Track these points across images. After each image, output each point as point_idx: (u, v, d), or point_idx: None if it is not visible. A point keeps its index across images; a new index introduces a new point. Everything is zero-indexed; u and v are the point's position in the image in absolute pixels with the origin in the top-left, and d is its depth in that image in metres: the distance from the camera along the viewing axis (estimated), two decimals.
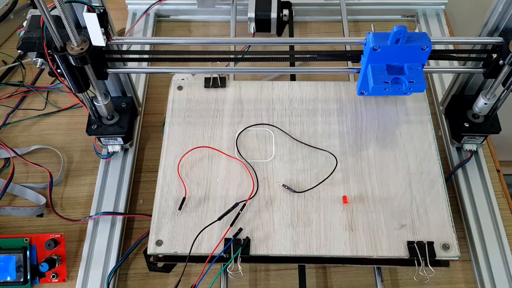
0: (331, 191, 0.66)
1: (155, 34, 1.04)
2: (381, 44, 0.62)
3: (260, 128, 0.72)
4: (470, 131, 0.78)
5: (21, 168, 0.85)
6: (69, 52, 0.62)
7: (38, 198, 0.81)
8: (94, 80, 0.69)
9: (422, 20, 1.05)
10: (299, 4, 1.05)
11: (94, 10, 0.60)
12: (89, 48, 0.62)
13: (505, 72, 0.67)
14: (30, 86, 0.95)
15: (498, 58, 0.66)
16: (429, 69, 0.72)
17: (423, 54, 0.63)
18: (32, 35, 0.65)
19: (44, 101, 0.93)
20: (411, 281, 0.73)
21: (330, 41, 0.71)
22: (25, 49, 0.65)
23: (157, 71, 0.81)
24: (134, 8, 1.06)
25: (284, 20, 0.99)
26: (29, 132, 0.90)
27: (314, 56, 0.70)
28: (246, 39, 0.96)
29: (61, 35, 0.61)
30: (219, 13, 1.07)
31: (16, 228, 0.78)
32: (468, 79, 0.79)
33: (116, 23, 0.87)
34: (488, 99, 0.74)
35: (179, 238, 0.62)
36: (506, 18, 0.65)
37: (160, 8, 1.06)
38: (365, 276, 0.73)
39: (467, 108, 0.79)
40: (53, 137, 0.89)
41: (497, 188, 0.81)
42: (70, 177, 0.84)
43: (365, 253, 0.61)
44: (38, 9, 0.56)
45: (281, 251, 0.61)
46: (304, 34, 1.06)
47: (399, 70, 0.65)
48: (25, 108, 0.93)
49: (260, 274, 0.73)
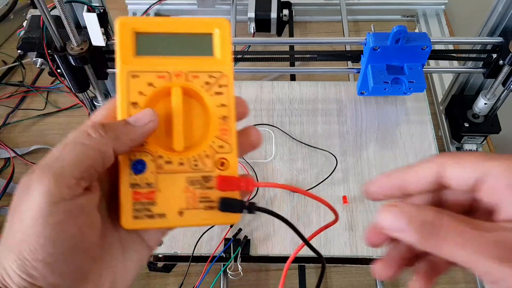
0: (331, 191, 0.66)
1: None
2: (381, 44, 0.62)
3: (260, 128, 0.72)
4: (470, 131, 0.78)
5: (21, 168, 0.85)
6: (69, 52, 0.62)
7: None
8: (94, 80, 0.69)
9: (422, 20, 1.05)
10: (299, 4, 1.05)
11: (94, 10, 0.60)
12: (89, 48, 0.62)
13: (505, 72, 0.67)
14: (30, 86, 0.95)
15: (498, 58, 0.66)
16: (429, 69, 0.72)
17: (423, 54, 0.63)
18: (32, 35, 0.65)
19: (44, 101, 0.93)
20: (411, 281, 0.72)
21: (330, 41, 0.72)
22: (25, 49, 0.65)
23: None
24: (134, 8, 1.06)
25: (284, 20, 0.99)
26: (29, 132, 0.90)
27: (314, 56, 0.70)
28: (246, 39, 0.96)
29: (61, 35, 0.61)
30: (219, 13, 1.07)
31: None
32: (468, 79, 0.79)
33: None
34: (488, 99, 0.74)
35: (179, 238, 0.62)
36: (506, 18, 0.65)
37: (160, 8, 1.06)
38: (365, 276, 0.73)
39: (467, 108, 0.79)
40: (53, 137, 0.89)
41: None
42: None
43: (365, 253, 0.61)
44: (38, 9, 0.56)
45: (281, 251, 0.61)
46: (304, 34, 1.06)
47: (399, 70, 0.65)
48: (25, 108, 0.93)
49: (260, 274, 0.73)
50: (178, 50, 0.31)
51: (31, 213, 0.25)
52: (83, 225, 0.26)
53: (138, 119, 0.29)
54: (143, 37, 0.31)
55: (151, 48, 0.31)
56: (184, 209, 0.30)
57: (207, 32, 0.32)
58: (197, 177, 0.30)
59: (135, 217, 0.29)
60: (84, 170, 0.26)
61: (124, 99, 0.30)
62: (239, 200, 0.30)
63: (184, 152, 0.30)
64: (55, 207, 0.25)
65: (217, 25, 0.32)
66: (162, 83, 0.30)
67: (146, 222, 0.29)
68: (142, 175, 0.30)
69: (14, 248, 0.25)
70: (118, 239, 0.30)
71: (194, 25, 0.31)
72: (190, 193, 0.30)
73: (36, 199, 0.25)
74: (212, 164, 0.31)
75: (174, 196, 0.30)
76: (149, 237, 0.31)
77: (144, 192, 0.29)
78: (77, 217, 0.26)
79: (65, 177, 0.26)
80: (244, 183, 0.30)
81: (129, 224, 0.29)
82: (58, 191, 0.25)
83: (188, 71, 0.31)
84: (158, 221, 0.29)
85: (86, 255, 0.27)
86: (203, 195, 0.30)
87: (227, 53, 0.32)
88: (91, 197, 0.27)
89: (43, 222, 0.25)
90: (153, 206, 0.29)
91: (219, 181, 0.30)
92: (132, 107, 0.30)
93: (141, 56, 0.30)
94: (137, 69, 0.30)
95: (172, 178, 0.30)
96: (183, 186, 0.30)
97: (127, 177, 0.29)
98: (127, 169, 0.29)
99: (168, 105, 0.30)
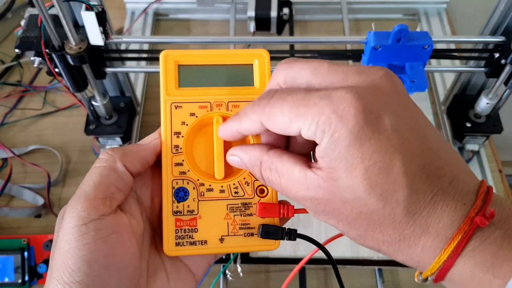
0: None
1: (154, 33, 1.04)
2: (382, 43, 0.61)
3: None
4: (472, 131, 0.77)
5: (19, 168, 0.84)
6: (67, 51, 0.61)
7: (36, 198, 0.80)
8: (92, 80, 0.68)
9: (423, 19, 1.04)
10: (299, 2, 1.04)
11: (92, 9, 0.60)
12: (87, 47, 0.62)
13: (507, 71, 0.66)
14: (28, 86, 0.94)
15: (500, 57, 0.66)
16: (430, 68, 0.71)
17: (425, 53, 0.63)
18: (30, 34, 0.64)
19: (42, 100, 0.93)
20: (412, 282, 0.72)
21: (330, 40, 0.71)
22: (23, 49, 0.64)
23: (155, 70, 0.80)
24: (133, 7, 1.05)
25: (284, 19, 0.98)
26: (26, 132, 0.89)
27: (314, 55, 0.70)
28: (246, 38, 0.95)
29: (59, 34, 0.60)
30: (218, 12, 1.06)
31: (14, 229, 0.78)
32: (469, 79, 0.78)
33: (115, 22, 0.86)
34: (490, 99, 0.73)
35: None
36: (508, 17, 0.64)
37: (159, 7, 1.05)
38: (366, 277, 0.73)
39: (469, 108, 0.79)
40: (51, 137, 0.88)
41: (499, 189, 0.81)
42: (68, 178, 0.83)
43: (366, 254, 0.61)
44: (36, 8, 0.55)
45: (281, 252, 0.61)
46: (305, 33, 1.05)
47: (400, 69, 0.64)
48: (23, 108, 0.92)
49: (260, 275, 0.73)
50: (219, 81, 0.33)
51: (65, 238, 0.27)
52: (116, 245, 0.28)
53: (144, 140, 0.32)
54: (185, 69, 0.33)
55: (193, 80, 0.33)
56: (225, 236, 0.31)
57: (248, 63, 0.33)
58: (237, 204, 0.32)
59: (178, 243, 0.31)
60: (105, 189, 0.28)
61: (167, 129, 0.32)
62: (280, 227, 0.31)
63: (224, 180, 0.32)
64: (85, 228, 0.27)
65: (257, 56, 0.33)
66: (203, 113, 0.32)
67: (188, 249, 0.31)
68: (184, 202, 0.31)
69: (56, 274, 0.27)
70: (162, 266, 0.31)
71: (235, 57, 0.33)
72: (230, 220, 0.31)
73: (68, 225, 0.27)
74: (252, 191, 0.32)
75: (215, 222, 0.31)
76: (194, 265, 0.32)
77: (186, 219, 0.31)
78: (107, 236, 0.27)
79: (89, 199, 0.28)
80: (284, 210, 0.32)
81: (172, 250, 0.30)
82: (85, 212, 0.27)
83: (228, 100, 0.33)
84: (200, 247, 0.31)
85: (124, 276, 0.28)
86: (243, 222, 0.32)
87: (266, 82, 0.33)
88: (120, 216, 0.29)
89: (77, 244, 0.27)
90: (195, 233, 0.31)
91: (260, 208, 0.31)
92: (175, 136, 0.32)
93: (184, 88, 0.32)
94: (179, 100, 0.32)
95: (213, 205, 0.31)
96: (224, 213, 0.31)
97: (170, 205, 0.31)
98: (170, 197, 0.31)
99: (209, 133, 0.32)
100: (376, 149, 0.24)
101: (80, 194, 0.28)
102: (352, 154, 0.24)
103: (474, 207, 0.24)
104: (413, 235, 0.24)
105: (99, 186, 0.28)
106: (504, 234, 0.23)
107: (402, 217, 0.24)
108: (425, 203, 0.24)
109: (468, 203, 0.24)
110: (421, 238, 0.24)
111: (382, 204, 0.24)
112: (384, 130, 0.24)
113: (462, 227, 0.23)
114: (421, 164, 0.24)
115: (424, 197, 0.24)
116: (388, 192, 0.24)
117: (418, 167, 0.24)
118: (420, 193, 0.24)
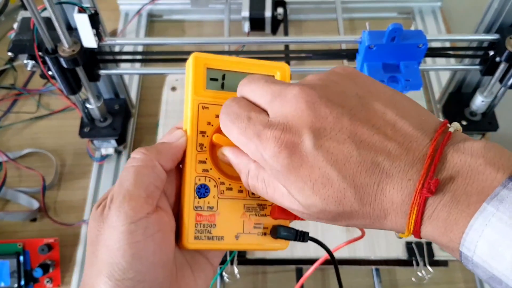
0: None
1: (148, 34, 1.03)
2: (376, 42, 0.61)
3: None
4: (468, 129, 0.77)
5: (14, 172, 0.84)
6: (60, 54, 0.61)
7: (31, 202, 0.80)
8: (86, 82, 0.68)
9: (418, 17, 1.04)
10: (293, 2, 1.04)
11: (85, 11, 0.59)
12: (81, 49, 0.61)
13: (501, 69, 0.66)
14: (21, 89, 0.93)
15: (495, 55, 0.66)
16: (425, 67, 0.71)
17: (419, 52, 0.63)
18: (23, 37, 0.64)
19: (36, 104, 0.92)
20: (409, 281, 0.72)
21: (325, 40, 0.71)
22: (16, 52, 0.64)
23: (150, 72, 0.80)
24: (126, 9, 1.05)
25: (278, 19, 0.98)
26: (21, 135, 0.89)
27: (309, 55, 0.70)
28: (241, 39, 0.95)
29: (52, 37, 0.60)
30: (212, 13, 1.06)
31: (9, 233, 0.77)
32: (465, 77, 0.79)
33: (108, 24, 0.86)
34: (485, 97, 0.73)
35: None
36: (502, 15, 0.64)
37: (153, 8, 1.05)
38: (364, 277, 0.73)
39: (464, 106, 0.79)
40: (45, 140, 0.88)
41: None
42: (63, 181, 0.83)
43: (363, 254, 0.61)
44: (28, 11, 0.55)
45: (278, 253, 0.61)
46: (299, 32, 1.05)
47: (395, 68, 0.64)
48: (17, 111, 0.92)
49: (257, 277, 0.72)
50: None
51: (115, 237, 0.28)
52: (161, 242, 0.29)
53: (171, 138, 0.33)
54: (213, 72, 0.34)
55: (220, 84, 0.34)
56: (240, 233, 0.33)
57: (271, 74, 0.35)
58: (253, 205, 0.33)
59: (196, 237, 0.32)
60: (146, 188, 0.29)
61: (194, 127, 0.33)
62: (294, 229, 0.33)
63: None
64: (134, 227, 0.28)
65: (279, 68, 0.35)
66: None
67: (205, 243, 0.32)
68: (205, 198, 0.32)
69: (105, 271, 0.27)
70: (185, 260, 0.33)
71: (260, 67, 0.35)
72: (246, 219, 0.33)
73: (117, 224, 0.28)
74: None
75: (232, 220, 0.33)
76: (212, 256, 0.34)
77: (206, 215, 0.32)
78: (154, 234, 0.29)
79: (134, 198, 0.29)
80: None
81: (190, 244, 0.32)
82: (133, 212, 0.28)
83: None
84: (217, 242, 0.32)
85: (168, 271, 0.30)
86: (257, 222, 0.33)
87: None
88: (162, 215, 0.30)
89: (127, 242, 0.27)
90: (213, 229, 0.32)
91: (275, 210, 0.33)
92: (201, 135, 0.33)
93: (211, 90, 0.34)
94: (207, 101, 0.34)
95: (231, 204, 0.33)
96: (240, 211, 0.33)
97: (192, 200, 0.32)
98: (192, 192, 0.32)
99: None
100: (309, 171, 0.26)
101: (124, 193, 0.29)
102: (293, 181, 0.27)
103: (420, 179, 0.25)
104: (379, 217, 0.27)
105: (141, 185, 0.29)
106: (453, 196, 0.24)
107: (363, 209, 0.26)
108: (374, 192, 0.26)
109: (415, 176, 0.25)
110: (386, 218, 0.26)
111: (342, 208, 0.27)
112: (308, 152, 0.26)
113: (413, 201, 0.25)
114: (355, 162, 0.26)
115: (369, 188, 0.26)
116: (340, 198, 0.26)
117: (353, 165, 0.26)
118: (365, 186, 0.26)
